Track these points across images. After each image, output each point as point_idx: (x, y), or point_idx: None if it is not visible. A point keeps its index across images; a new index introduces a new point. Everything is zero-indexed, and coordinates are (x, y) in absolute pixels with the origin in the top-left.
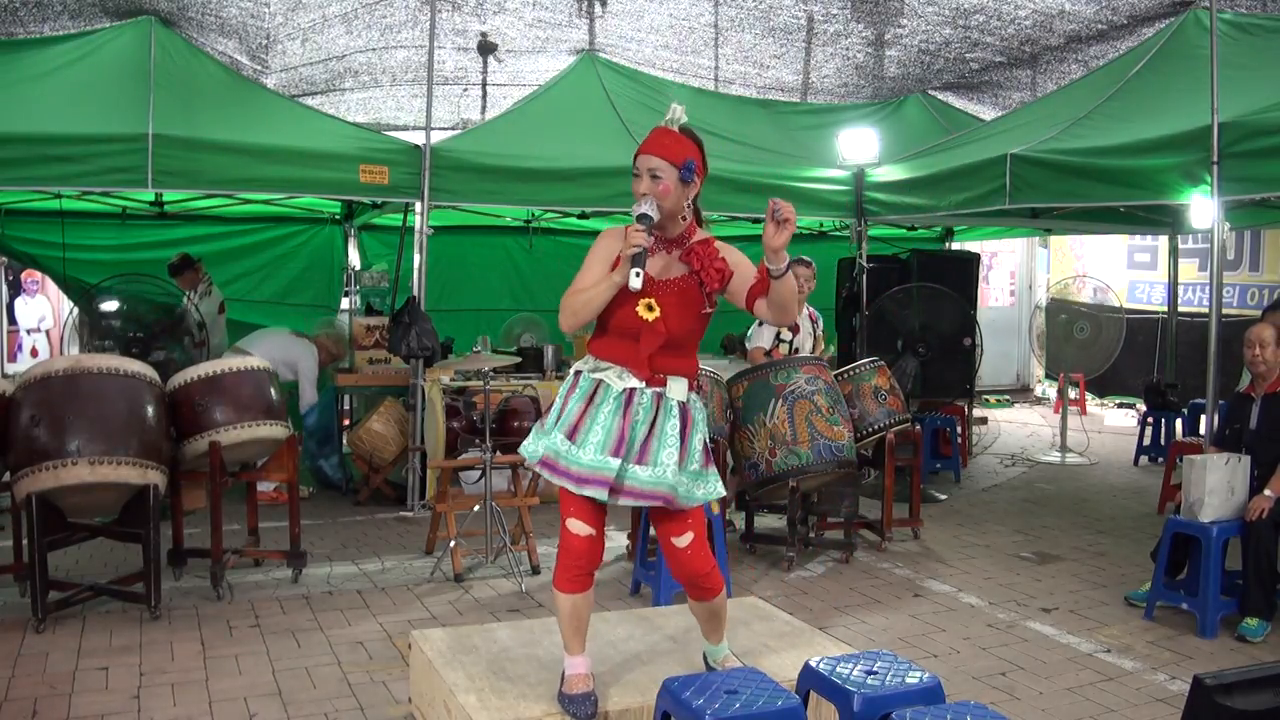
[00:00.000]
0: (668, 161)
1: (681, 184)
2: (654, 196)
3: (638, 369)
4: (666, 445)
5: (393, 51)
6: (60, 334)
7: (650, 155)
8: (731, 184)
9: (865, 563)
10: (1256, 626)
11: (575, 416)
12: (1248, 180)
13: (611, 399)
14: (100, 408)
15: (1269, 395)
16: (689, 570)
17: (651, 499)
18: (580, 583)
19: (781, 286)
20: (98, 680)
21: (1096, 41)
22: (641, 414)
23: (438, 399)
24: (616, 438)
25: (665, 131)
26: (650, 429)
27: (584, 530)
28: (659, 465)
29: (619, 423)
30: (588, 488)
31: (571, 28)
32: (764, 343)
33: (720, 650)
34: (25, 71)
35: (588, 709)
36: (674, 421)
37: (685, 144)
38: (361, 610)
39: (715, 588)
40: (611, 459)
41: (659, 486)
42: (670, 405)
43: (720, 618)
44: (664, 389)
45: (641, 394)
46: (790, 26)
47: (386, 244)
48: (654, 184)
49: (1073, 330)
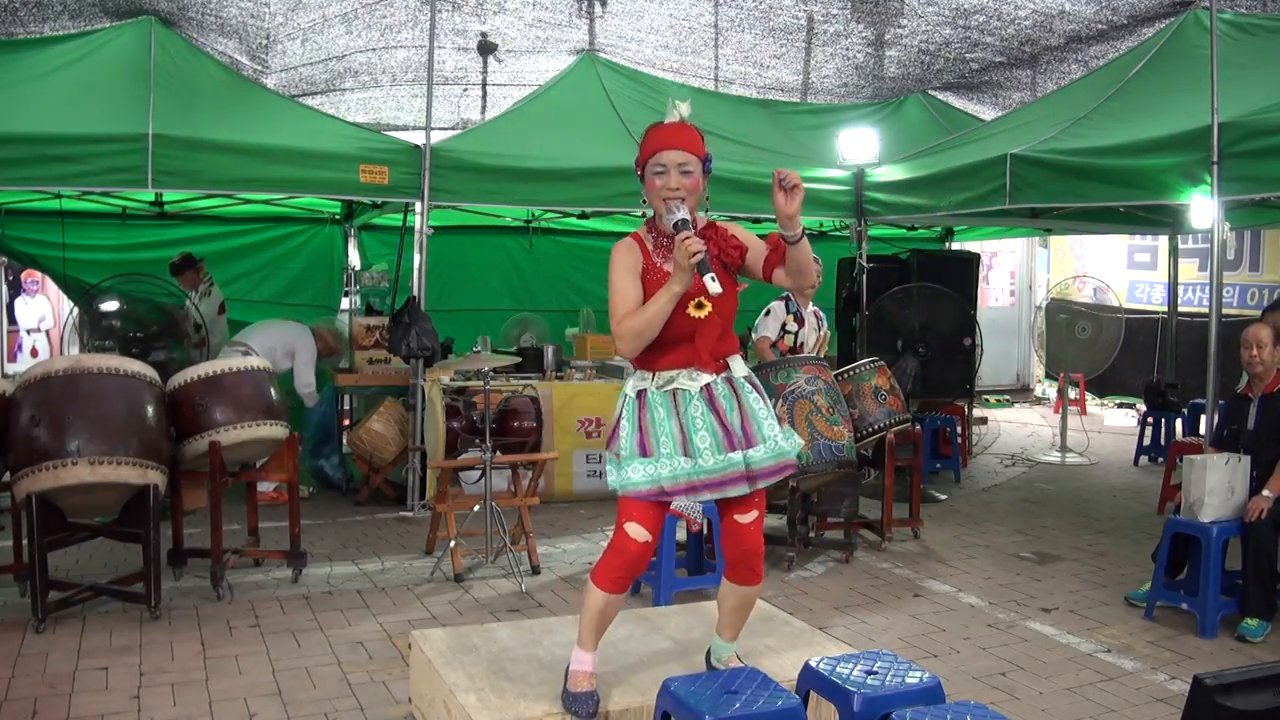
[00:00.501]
0: (694, 155)
1: (703, 176)
2: (685, 190)
3: (704, 365)
4: (764, 419)
5: (393, 51)
6: (60, 334)
7: (679, 150)
8: (731, 184)
9: (865, 563)
10: (1256, 626)
11: (678, 432)
12: (1248, 180)
13: (696, 400)
14: (100, 408)
15: (1266, 396)
16: (747, 547)
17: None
18: (623, 584)
19: (798, 252)
20: (98, 680)
21: (1096, 41)
22: (726, 402)
23: (438, 399)
24: (724, 435)
25: (684, 126)
26: (740, 412)
27: (643, 536)
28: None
29: (716, 419)
30: (730, 488)
31: (571, 28)
32: (770, 333)
33: (728, 649)
34: (25, 71)
35: (589, 708)
36: (753, 394)
37: (700, 136)
38: (361, 610)
39: (760, 573)
40: (733, 454)
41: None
42: (741, 383)
43: (747, 611)
44: (729, 372)
45: (716, 384)
46: (790, 27)
47: (386, 244)
48: (684, 179)
49: (1074, 330)
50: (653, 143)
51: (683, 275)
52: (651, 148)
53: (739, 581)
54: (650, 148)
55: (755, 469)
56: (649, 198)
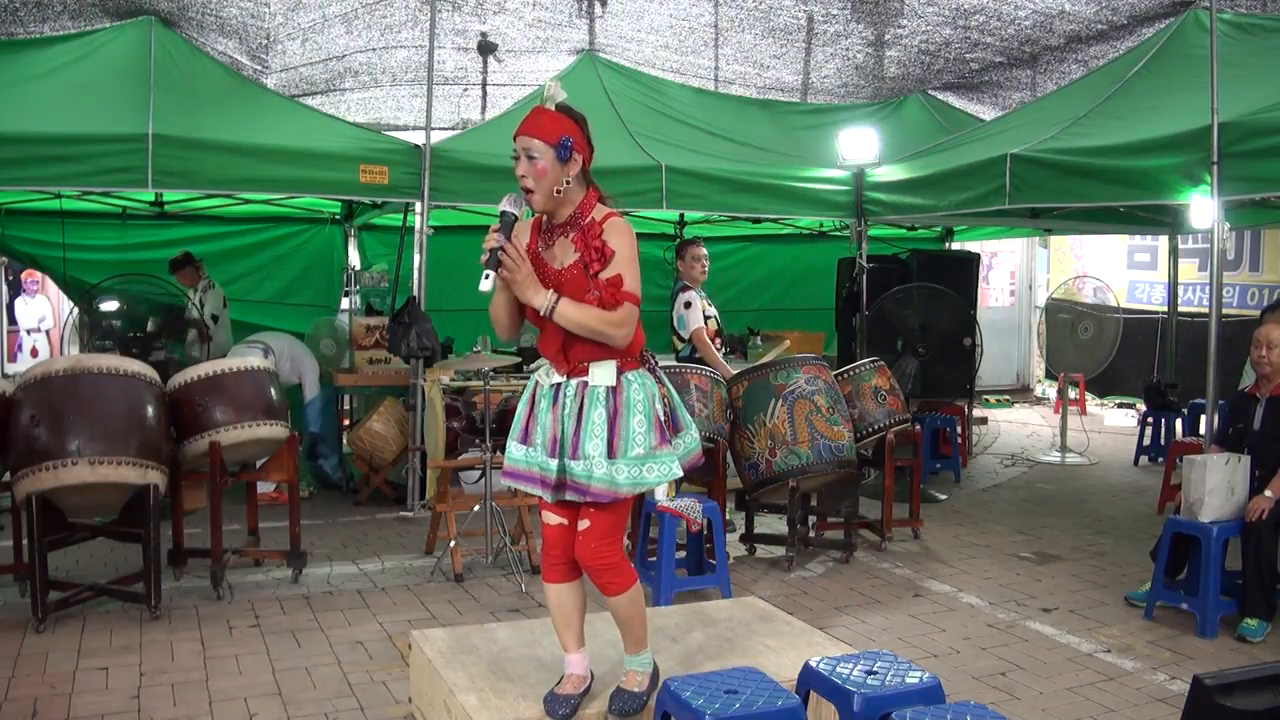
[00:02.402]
0: (543, 141)
1: (559, 163)
2: (533, 176)
3: (557, 363)
4: (593, 436)
5: (393, 51)
6: (60, 334)
7: (525, 136)
8: (731, 184)
9: (865, 563)
10: (1256, 626)
11: (523, 419)
12: (1248, 180)
13: (544, 396)
14: (100, 408)
15: (1274, 398)
16: (580, 556)
17: (594, 494)
18: (559, 572)
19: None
20: (98, 680)
21: (1096, 41)
22: (568, 406)
23: (438, 399)
24: (551, 436)
25: (541, 111)
26: (578, 421)
27: (553, 519)
28: (587, 458)
29: (551, 420)
30: (528, 485)
31: (571, 28)
32: (700, 323)
33: (631, 661)
34: (25, 71)
35: (562, 711)
36: (600, 410)
37: (562, 121)
38: (361, 610)
39: (614, 585)
40: (549, 459)
41: (592, 481)
42: (596, 393)
43: (626, 624)
44: (587, 377)
45: (566, 386)
46: (790, 27)
47: (386, 244)
48: (530, 164)
49: (1076, 330)
50: (517, 128)
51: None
52: (514, 132)
53: (598, 589)
54: (514, 132)
55: (570, 480)
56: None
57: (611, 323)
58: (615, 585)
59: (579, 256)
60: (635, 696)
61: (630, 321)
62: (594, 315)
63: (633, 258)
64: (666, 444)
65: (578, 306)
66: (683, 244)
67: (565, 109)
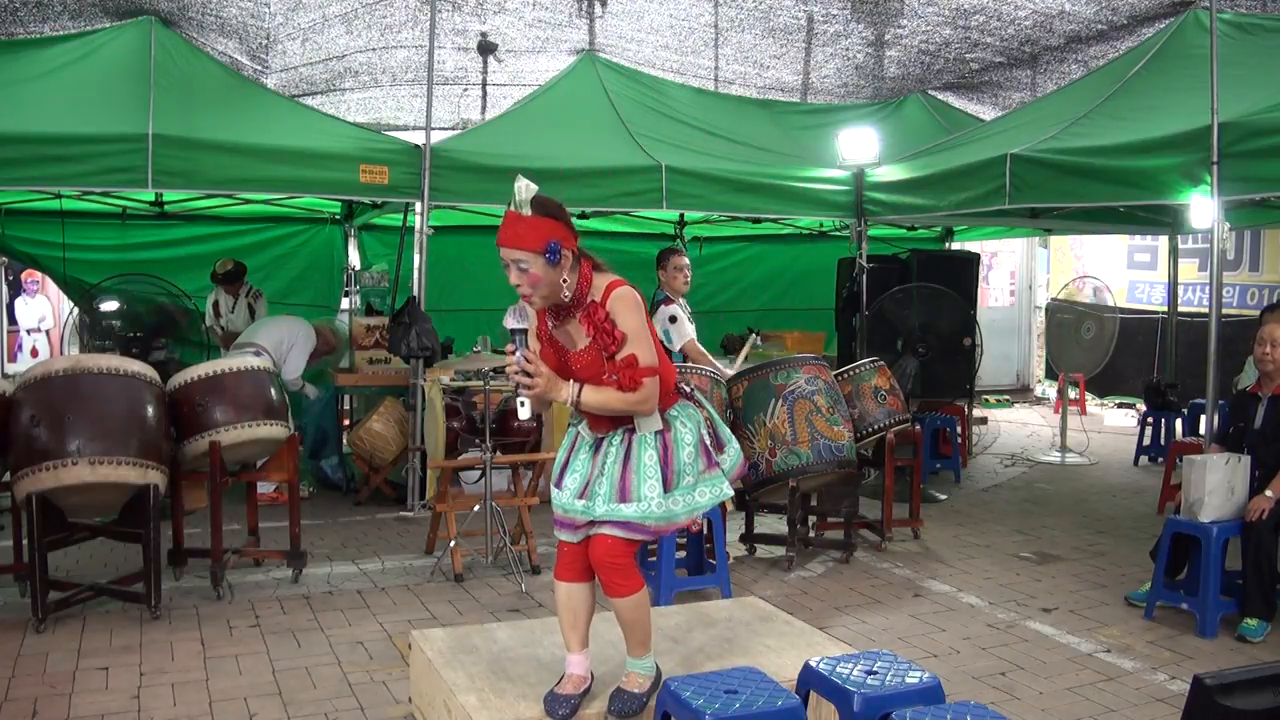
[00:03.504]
0: (528, 251)
1: (551, 266)
2: (528, 286)
3: (597, 426)
4: (647, 478)
5: (393, 51)
6: (60, 334)
7: (509, 249)
8: (731, 184)
9: (865, 563)
10: (1256, 626)
11: (561, 464)
12: (1248, 180)
13: (586, 446)
14: (100, 408)
15: (1276, 396)
16: (594, 556)
17: (654, 532)
18: (574, 571)
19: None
20: (98, 680)
21: (1096, 41)
22: (614, 452)
23: (438, 399)
24: (583, 482)
25: (516, 219)
26: (625, 463)
27: (574, 539)
28: (643, 500)
29: (590, 467)
30: (562, 531)
31: (571, 28)
32: (692, 334)
33: (633, 664)
34: (25, 71)
35: (563, 711)
36: (650, 452)
37: (540, 225)
38: (361, 610)
39: (621, 588)
40: (578, 501)
41: (646, 520)
42: (645, 439)
43: (630, 627)
44: (632, 428)
45: (612, 435)
46: (790, 27)
47: (386, 244)
48: (522, 275)
49: (1080, 331)
50: (497, 237)
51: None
52: (497, 241)
53: (605, 592)
54: (497, 241)
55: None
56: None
57: (633, 402)
58: (623, 587)
59: (591, 340)
60: (635, 697)
61: (653, 395)
62: (616, 398)
63: (641, 330)
64: (715, 466)
65: (598, 392)
66: (664, 252)
67: (540, 205)
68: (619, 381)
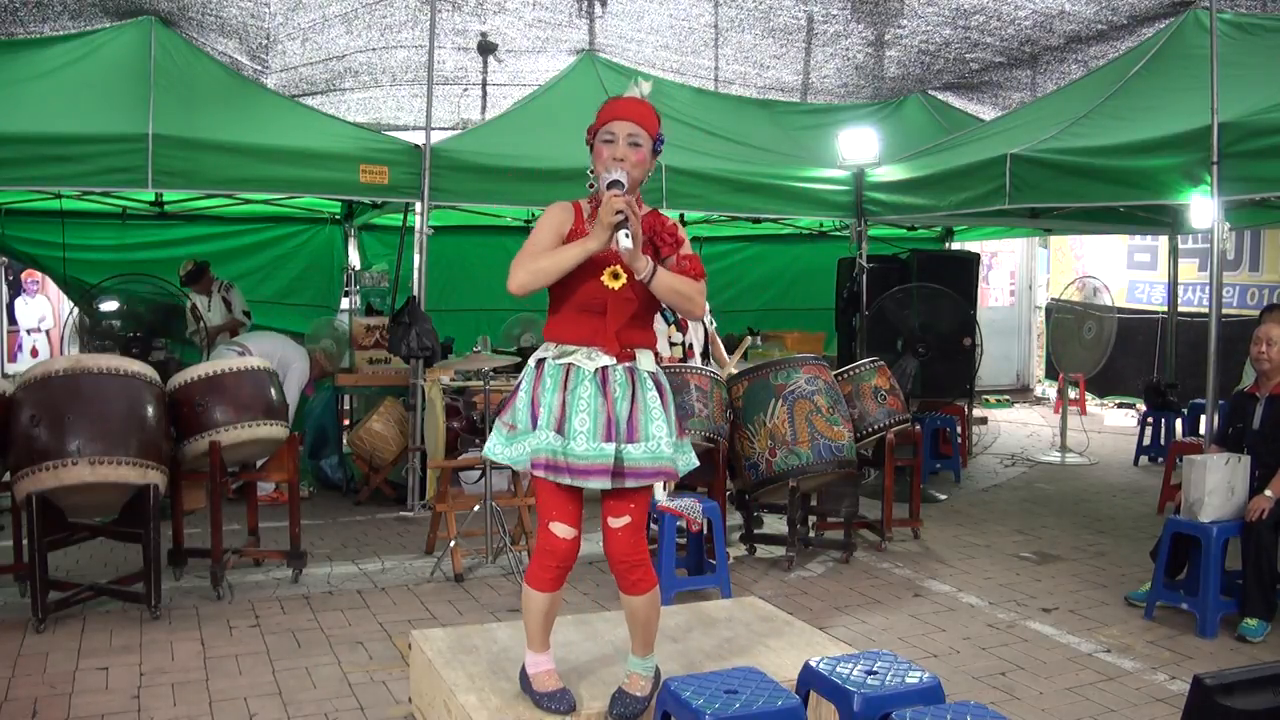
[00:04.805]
0: (646, 131)
1: (652, 156)
2: (630, 162)
3: (607, 345)
4: (654, 419)
5: (393, 51)
6: (60, 334)
7: (630, 121)
8: (731, 184)
9: (865, 563)
10: (1256, 626)
11: (558, 408)
12: (1248, 180)
13: (587, 381)
14: (100, 408)
15: (1274, 396)
16: (618, 553)
17: (657, 476)
18: (558, 582)
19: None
20: (98, 680)
21: (1096, 41)
22: (619, 391)
23: (438, 399)
24: (605, 422)
25: (642, 101)
26: (632, 405)
27: (568, 533)
28: (652, 439)
29: (602, 405)
30: (592, 479)
31: (571, 28)
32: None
33: (633, 664)
34: (25, 71)
35: (568, 703)
36: (653, 393)
37: (657, 118)
38: (361, 610)
39: (643, 583)
40: (606, 444)
41: (659, 461)
42: (644, 377)
43: (645, 625)
44: (634, 363)
45: (614, 371)
46: (790, 27)
47: (386, 244)
48: (631, 150)
49: (1081, 331)
50: (607, 113)
51: (602, 234)
52: (605, 117)
53: (621, 589)
54: (604, 117)
55: (628, 466)
56: (595, 165)
57: (700, 290)
58: (645, 583)
59: (646, 238)
60: (637, 700)
61: (704, 294)
62: (688, 283)
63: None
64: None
65: (672, 274)
66: None
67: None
68: (689, 268)
